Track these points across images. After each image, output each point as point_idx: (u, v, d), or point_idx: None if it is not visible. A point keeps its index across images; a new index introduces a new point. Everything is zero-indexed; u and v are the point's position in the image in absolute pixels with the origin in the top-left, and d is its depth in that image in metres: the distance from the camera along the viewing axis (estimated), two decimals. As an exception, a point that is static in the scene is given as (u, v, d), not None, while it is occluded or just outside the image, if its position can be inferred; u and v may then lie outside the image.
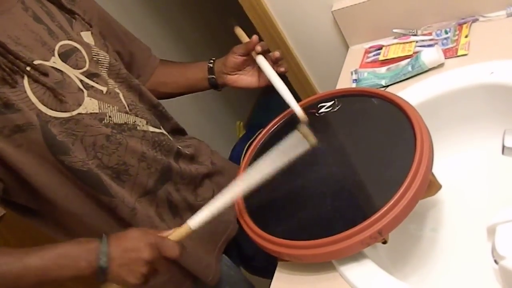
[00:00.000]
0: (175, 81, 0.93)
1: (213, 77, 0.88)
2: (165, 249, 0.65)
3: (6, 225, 1.28)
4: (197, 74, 0.90)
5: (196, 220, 0.66)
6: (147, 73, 0.92)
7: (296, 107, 0.78)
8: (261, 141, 0.85)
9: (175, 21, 2.16)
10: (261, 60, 0.81)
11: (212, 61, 0.89)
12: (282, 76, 0.84)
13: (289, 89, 0.80)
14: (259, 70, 0.84)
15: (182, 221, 0.70)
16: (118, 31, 0.88)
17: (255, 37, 0.81)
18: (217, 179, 0.92)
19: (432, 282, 0.70)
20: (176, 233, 0.67)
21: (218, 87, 0.90)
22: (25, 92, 0.65)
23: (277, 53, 0.82)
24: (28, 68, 0.66)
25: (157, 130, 0.82)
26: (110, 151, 0.73)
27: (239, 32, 0.85)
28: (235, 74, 0.87)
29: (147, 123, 0.80)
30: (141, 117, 0.79)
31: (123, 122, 0.75)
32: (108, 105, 0.74)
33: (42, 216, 0.75)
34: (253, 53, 0.82)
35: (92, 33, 0.79)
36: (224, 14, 0.80)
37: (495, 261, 0.59)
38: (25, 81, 0.65)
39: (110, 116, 0.73)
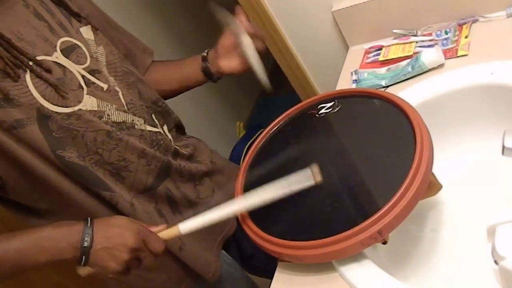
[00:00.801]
0: (170, 77, 0.92)
1: (207, 64, 0.87)
2: (150, 241, 0.65)
3: (6, 225, 1.28)
4: (193, 67, 0.89)
5: (187, 226, 0.67)
6: (143, 67, 0.91)
7: (263, 77, 0.79)
8: (261, 142, 0.85)
9: (174, 21, 2.16)
10: (237, 27, 0.80)
11: (206, 51, 0.89)
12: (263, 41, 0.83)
13: (289, 89, 0.80)
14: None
15: (182, 217, 0.70)
16: (112, 27, 0.88)
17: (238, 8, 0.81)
18: (217, 178, 0.92)
19: (432, 283, 0.70)
20: (164, 232, 0.67)
21: (212, 76, 0.89)
22: (27, 86, 0.65)
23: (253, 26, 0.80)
24: (31, 63, 0.66)
25: (155, 129, 0.82)
26: (110, 147, 0.73)
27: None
28: (228, 59, 0.85)
29: (144, 122, 0.80)
30: (139, 116, 0.79)
31: (122, 121, 0.75)
32: (107, 103, 0.74)
33: (42, 216, 0.75)
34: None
35: (91, 27, 0.80)
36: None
37: (495, 262, 0.59)
38: (28, 76, 0.66)
39: (108, 115, 0.74)
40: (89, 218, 0.65)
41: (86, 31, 0.78)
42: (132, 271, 0.67)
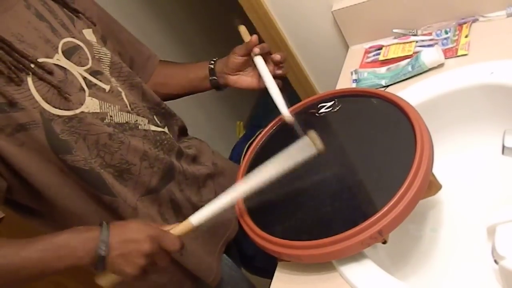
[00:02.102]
0: (176, 82, 0.93)
1: (214, 78, 0.88)
2: (165, 243, 0.65)
3: (6, 226, 1.28)
4: (199, 75, 0.90)
5: (198, 217, 0.66)
6: (146, 75, 0.91)
7: (284, 110, 0.79)
8: (261, 141, 0.85)
9: (176, 21, 2.16)
10: (258, 61, 0.82)
11: (213, 61, 0.89)
12: (283, 78, 0.84)
13: (289, 89, 0.80)
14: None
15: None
16: (117, 32, 0.88)
17: (254, 37, 0.81)
18: (219, 180, 0.92)
19: (432, 282, 0.70)
20: (177, 228, 0.67)
21: (219, 88, 0.90)
22: (29, 90, 0.65)
23: (277, 56, 0.82)
24: (32, 66, 0.66)
25: (159, 129, 0.82)
26: (112, 150, 0.73)
27: (243, 30, 0.85)
28: (236, 74, 0.87)
29: (148, 122, 0.79)
30: (142, 116, 0.79)
31: (125, 122, 0.75)
32: (109, 104, 0.74)
33: (43, 216, 0.75)
34: (252, 54, 0.82)
35: (93, 30, 0.79)
36: (225, 14, 0.80)
37: (495, 261, 0.59)
38: (29, 79, 0.65)
39: (111, 116, 0.73)
40: (104, 223, 0.64)
41: (89, 33, 0.78)
42: (150, 273, 0.66)
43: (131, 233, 0.64)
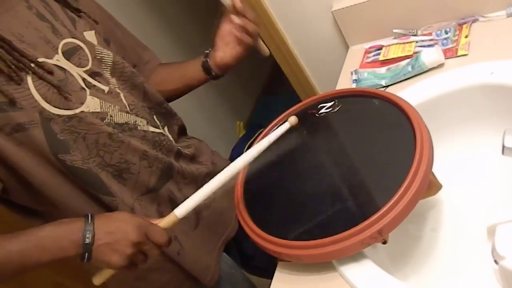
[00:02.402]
0: (173, 76, 0.92)
1: (206, 59, 0.87)
2: (152, 233, 0.65)
3: (6, 225, 1.28)
4: (194, 64, 0.89)
5: (182, 209, 0.67)
6: (144, 76, 0.91)
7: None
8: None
9: (176, 21, 2.16)
10: None
11: (210, 49, 0.88)
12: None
13: (289, 88, 0.80)
14: (237, 33, 0.82)
15: (184, 219, 0.70)
16: (118, 34, 0.87)
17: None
18: None
19: (432, 282, 0.70)
20: (163, 222, 0.67)
21: (211, 71, 0.87)
22: (29, 89, 0.65)
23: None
24: (32, 65, 0.66)
25: (157, 130, 0.82)
26: (112, 149, 0.73)
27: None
28: (223, 50, 0.85)
29: (147, 123, 0.80)
30: (141, 117, 0.79)
31: (124, 122, 0.75)
32: (109, 104, 0.74)
33: (41, 217, 0.75)
34: None
35: (95, 31, 0.79)
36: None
37: (495, 261, 0.59)
38: (29, 78, 0.65)
39: (111, 116, 0.73)
40: (89, 214, 0.64)
41: (90, 35, 0.78)
42: (140, 266, 0.66)
43: (117, 223, 0.64)
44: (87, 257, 0.62)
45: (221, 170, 0.69)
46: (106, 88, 0.75)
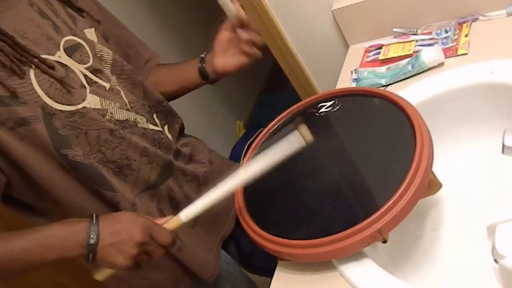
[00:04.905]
0: (170, 78, 0.92)
1: (203, 65, 0.86)
2: (157, 234, 0.65)
3: (5, 224, 1.28)
4: (190, 67, 0.88)
5: (188, 213, 0.67)
6: (145, 74, 0.91)
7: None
8: (262, 141, 0.85)
9: (175, 21, 2.16)
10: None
11: (205, 52, 0.88)
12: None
13: (289, 88, 0.80)
14: (244, 46, 0.80)
15: None
16: (118, 32, 0.88)
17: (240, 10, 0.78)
18: (216, 178, 0.92)
19: (432, 282, 0.70)
20: (167, 224, 0.67)
21: (207, 77, 0.87)
22: (31, 84, 0.65)
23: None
24: (35, 60, 0.66)
25: (157, 128, 0.82)
26: (113, 145, 0.73)
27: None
28: (223, 57, 0.83)
29: (147, 121, 0.80)
30: (141, 115, 0.79)
31: (125, 119, 0.76)
32: (110, 101, 0.74)
33: (43, 215, 0.75)
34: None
35: (95, 29, 0.80)
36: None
37: (495, 261, 0.59)
38: (32, 73, 0.66)
39: (111, 113, 0.74)
40: (94, 215, 0.64)
41: (90, 33, 0.78)
42: (143, 266, 0.66)
43: (122, 223, 0.64)
44: (92, 258, 0.62)
45: (224, 171, 0.69)
46: (107, 85, 0.75)
